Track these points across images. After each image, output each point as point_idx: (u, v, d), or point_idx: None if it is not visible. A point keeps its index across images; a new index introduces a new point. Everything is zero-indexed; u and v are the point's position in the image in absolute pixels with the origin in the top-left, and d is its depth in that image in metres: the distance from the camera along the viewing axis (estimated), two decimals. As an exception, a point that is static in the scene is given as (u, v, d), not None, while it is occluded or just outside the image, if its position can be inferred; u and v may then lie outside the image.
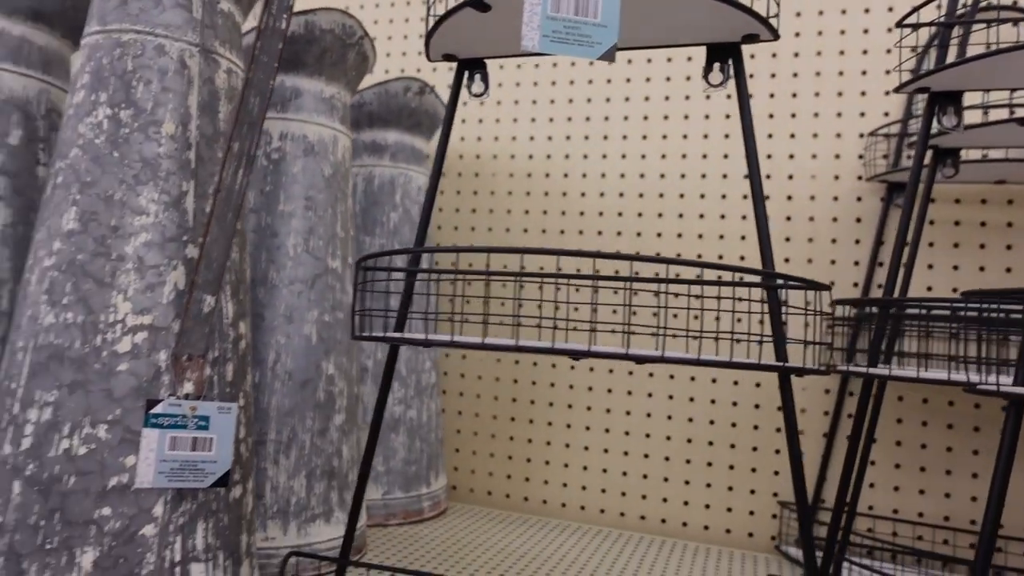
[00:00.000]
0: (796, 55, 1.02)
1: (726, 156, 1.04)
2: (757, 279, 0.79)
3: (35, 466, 0.51)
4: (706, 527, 1.02)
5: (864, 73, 1.00)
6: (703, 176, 1.05)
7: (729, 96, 1.05)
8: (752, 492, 1.01)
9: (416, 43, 1.22)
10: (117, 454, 0.52)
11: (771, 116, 1.03)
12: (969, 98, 0.81)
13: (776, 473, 1.00)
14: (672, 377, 1.05)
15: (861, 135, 1.00)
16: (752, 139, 0.56)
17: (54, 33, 0.72)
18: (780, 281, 0.52)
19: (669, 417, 1.05)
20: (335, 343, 0.79)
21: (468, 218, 1.17)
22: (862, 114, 1.00)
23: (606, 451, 1.07)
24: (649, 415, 1.06)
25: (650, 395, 1.06)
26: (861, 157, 0.99)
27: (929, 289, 0.95)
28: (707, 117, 1.06)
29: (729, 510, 1.02)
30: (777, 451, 1.00)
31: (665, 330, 0.46)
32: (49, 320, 0.53)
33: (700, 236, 1.04)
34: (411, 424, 0.98)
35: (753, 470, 1.01)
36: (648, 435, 1.06)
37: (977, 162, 0.84)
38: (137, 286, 0.54)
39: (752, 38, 0.56)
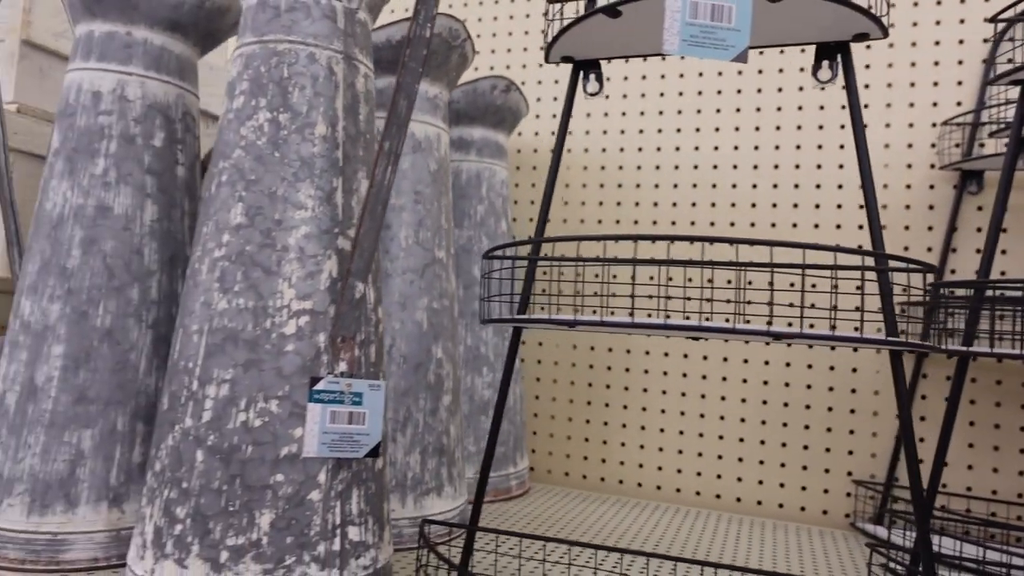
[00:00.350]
0: (868, 47, 1.05)
1: (798, 147, 1.08)
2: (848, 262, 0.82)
3: (216, 437, 0.57)
4: (780, 505, 1.06)
5: (936, 64, 1.02)
6: (775, 167, 1.09)
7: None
8: (826, 471, 1.05)
9: (488, 41, 1.26)
10: (287, 426, 0.57)
11: (843, 107, 1.06)
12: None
13: (850, 453, 1.04)
14: (746, 361, 1.09)
15: (934, 124, 1.02)
16: (862, 132, 0.60)
17: (187, 42, 0.77)
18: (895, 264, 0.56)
19: (743, 400, 1.09)
20: (443, 329, 0.84)
21: (537, 209, 1.21)
22: (935, 104, 1.02)
23: (681, 433, 1.12)
24: (724, 398, 1.10)
25: (724, 379, 1.10)
26: (934, 146, 1.02)
27: (1003, 273, 0.98)
28: (779, 109, 1.09)
29: (804, 489, 1.06)
30: (851, 431, 1.04)
31: (803, 310, 0.50)
32: (222, 306, 0.59)
33: (773, 225, 1.08)
34: (499, 407, 1.03)
35: (827, 450, 1.05)
36: (722, 417, 1.10)
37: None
38: (299, 274, 0.59)
39: (862, 36, 0.60)
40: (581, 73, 0.68)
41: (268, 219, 0.60)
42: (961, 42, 1.02)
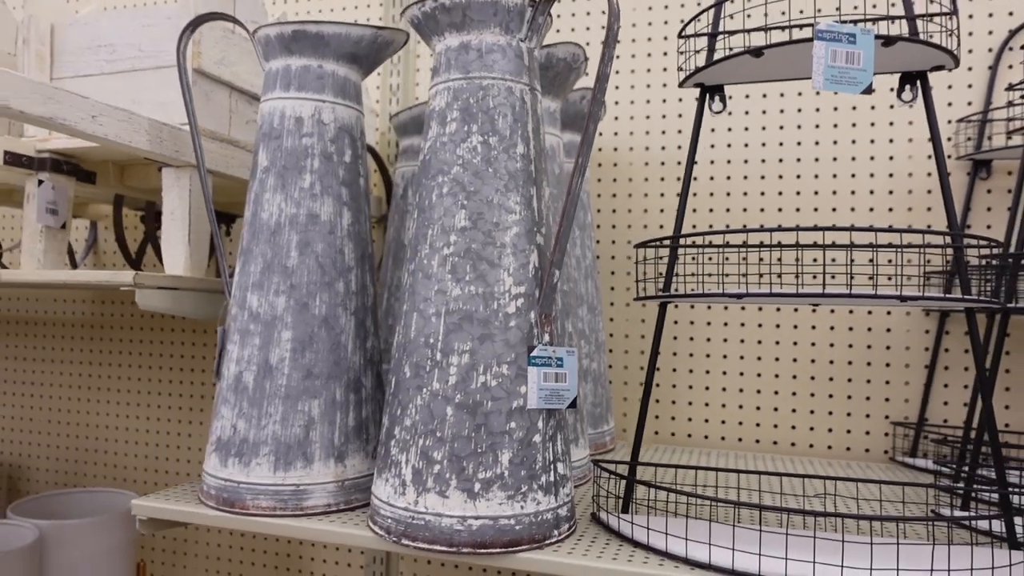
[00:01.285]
0: (892, 57, 1.24)
1: (854, 141, 1.26)
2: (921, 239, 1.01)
3: (462, 395, 0.72)
4: (829, 447, 1.26)
5: (949, 70, 1.21)
6: (834, 159, 1.27)
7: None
8: (867, 416, 1.24)
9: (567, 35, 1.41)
10: (515, 385, 0.73)
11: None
12: None
13: (887, 400, 1.23)
14: (796, 327, 1.27)
15: (949, 121, 1.22)
16: (939, 141, 0.78)
17: (360, 71, 0.91)
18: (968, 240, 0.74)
19: (794, 360, 1.28)
20: (569, 308, 1.00)
21: (609, 202, 1.38)
22: (949, 104, 1.22)
23: (741, 390, 1.30)
24: (777, 359, 1.28)
25: (777, 343, 1.28)
26: (950, 139, 1.22)
27: None
28: (835, 109, 1.27)
29: (848, 432, 1.25)
30: (887, 381, 1.23)
31: (901, 280, 0.67)
32: (456, 292, 0.74)
33: (833, 210, 1.26)
34: (595, 374, 1.20)
35: (867, 398, 1.24)
36: (777, 375, 1.28)
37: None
38: (514, 265, 0.75)
39: (939, 67, 0.78)
40: (707, 95, 0.85)
41: (488, 222, 0.75)
42: (970, 51, 1.21)
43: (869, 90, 0.69)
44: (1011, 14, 1.20)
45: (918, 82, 0.79)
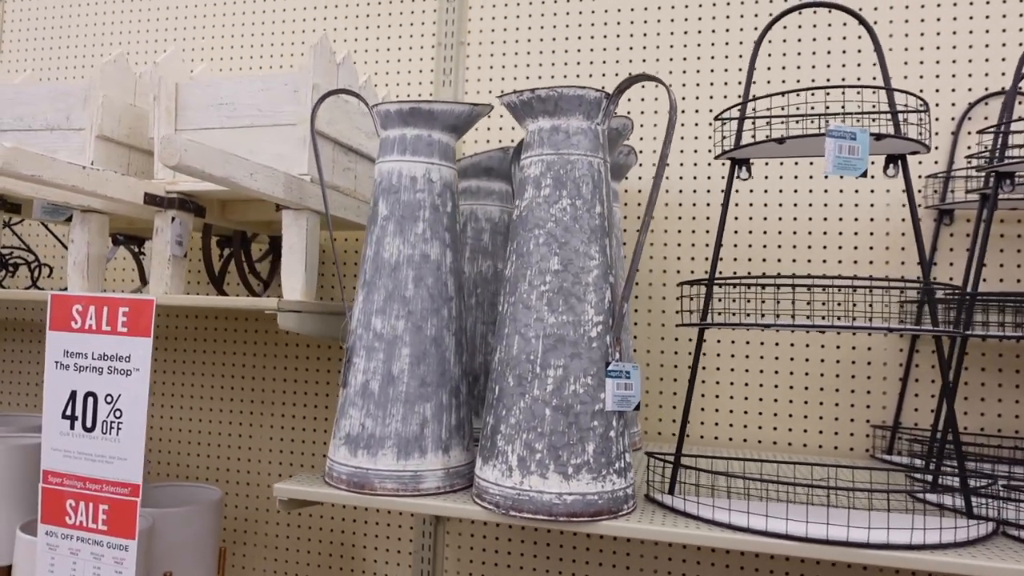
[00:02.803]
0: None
1: (857, 191, 1.51)
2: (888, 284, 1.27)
3: (557, 400, 0.94)
4: (820, 446, 1.50)
5: (923, 154, 1.47)
6: (840, 205, 1.51)
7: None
8: (852, 420, 1.48)
9: (586, 106, 1.63)
10: (598, 392, 0.95)
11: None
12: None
13: (868, 407, 1.48)
14: (792, 345, 1.51)
15: (919, 176, 1.47)
16: (915, 211, 1.01)
17: (455, 137, 1.12)
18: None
19: (791, 373, 1.51)
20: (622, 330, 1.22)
21: (647, 237, 1.60)
22: (920, 162, 1.47)
23: (746, 399, 1.54)
24: (776, 372, 1.52)
25: (776, 358, 1.52)
26: (920, 191, 1.47)
27: (984, 280, 1.43)
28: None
29: (836, 433, 1.49)
30: (868, 391, 1.48)
31: (871, 315, 0.90)
32: (551, 320, 0.96)
33: (840, 247, 1.51)
34: (627, 383, 1.42)
35: (852, 405, 1.48)
36: (776, 386, 1.52)
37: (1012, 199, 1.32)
38: (595, 300, 0.97)
39: (915, 152, 1.02)
40: (736, 166, 1.08)
41: (576, 266, 0.97)
42: (937, 119, 1.47)
43: (865, 174, 0.93)
44: (970, 90, 1.46)
45: (899, 162, 1.03)
